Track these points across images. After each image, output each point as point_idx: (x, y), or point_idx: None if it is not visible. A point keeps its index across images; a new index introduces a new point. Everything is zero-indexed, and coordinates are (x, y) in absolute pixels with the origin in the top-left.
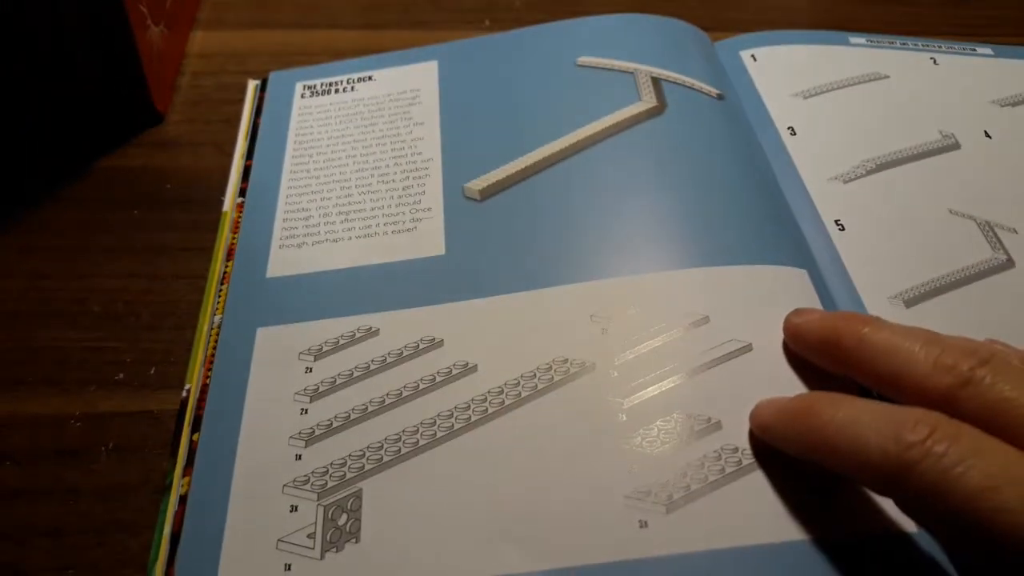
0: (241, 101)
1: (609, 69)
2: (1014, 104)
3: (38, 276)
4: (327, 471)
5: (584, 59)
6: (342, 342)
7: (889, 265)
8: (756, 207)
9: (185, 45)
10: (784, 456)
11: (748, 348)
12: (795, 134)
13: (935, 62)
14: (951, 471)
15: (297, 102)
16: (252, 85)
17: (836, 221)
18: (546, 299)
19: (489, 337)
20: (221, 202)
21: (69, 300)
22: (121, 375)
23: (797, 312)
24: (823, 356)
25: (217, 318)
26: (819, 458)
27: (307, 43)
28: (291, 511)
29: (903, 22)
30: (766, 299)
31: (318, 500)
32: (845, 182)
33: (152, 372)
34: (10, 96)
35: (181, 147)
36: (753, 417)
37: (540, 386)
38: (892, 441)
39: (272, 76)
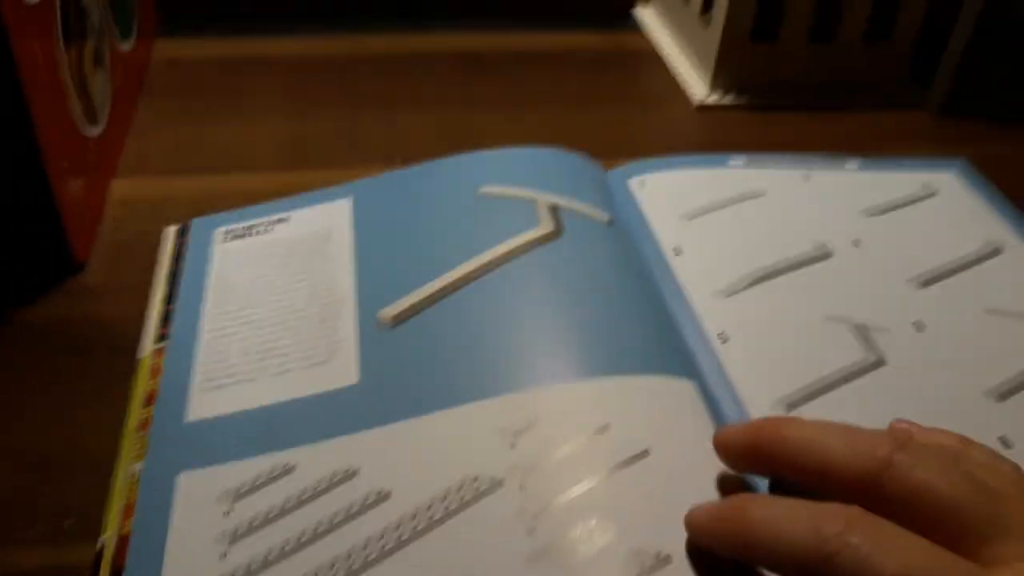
0: (159, 248)
1: (511, 198)
2: (880, 213)
3: None
4: None
5: (487, 188)
6: (259, 482)
7: (771, 371)
8: (644, 322)
9: (106, 192)
10: (712, 558)
11: (645, 454)
12: (680, 254)
13: (807, 178)
14: (867, 560)
15: (217, 247)
16: (171, 231)
17: (719, 334)
18: (456, 418)
19: (402, 462)
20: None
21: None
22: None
23: (720, 429)
24: (750, 462)
25: (137, 465)
26: (748, 555)
27: (223, 187)
28: None
29: (782, 140)
30: (657, 407)
31: None
32: (727, 296)
33: (67, 525)
34: None
35: (101, 296)
36: (687, 520)
37: (452, 507)
38: (813, 534)
39: (194, 223)
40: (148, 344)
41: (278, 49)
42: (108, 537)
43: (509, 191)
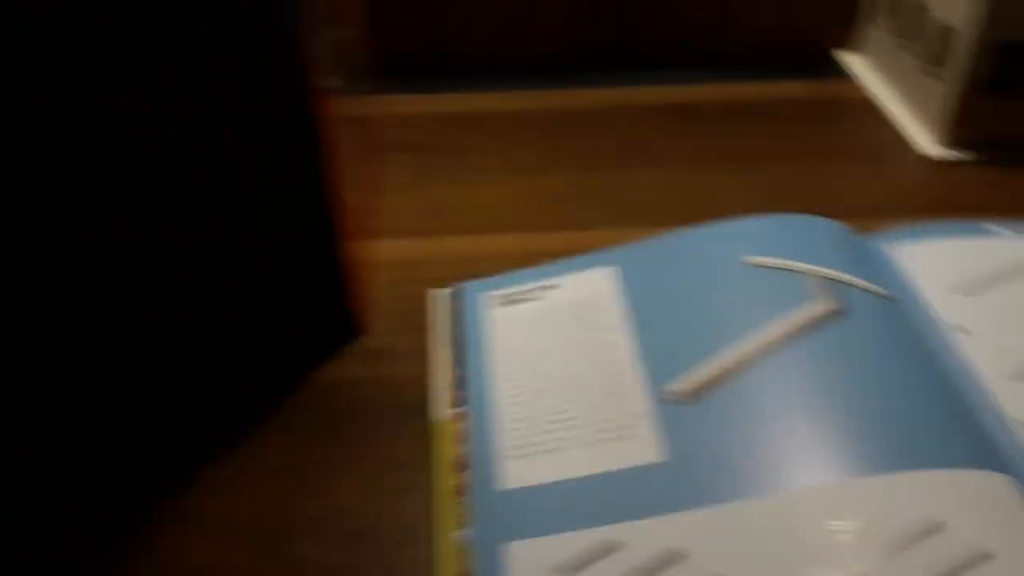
0: (426, 309)
1: (782, 269)
2: None
3: (282, 495)
4: None
5: (753, 258)
6: (590, 557)
7: None
8: (950, 411)
9: (369, 255)
10: None
11: (989, 557)
12: (968, 333)
13: None
14: None
15: (494, 311)
16: (441, 293)
17: (1021, 420)
18: (782, 505)
19: (732, 547)
20: (430, 411)
21: (314, 519)
22: None
23: None
24: None
25: (460, 533)
26: None
27: (477, 247)
28: None
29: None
30: (989, 503)
31: None
32: (1022, 379)
33: None
34: (226, 321)
35: (385, 358)
36: None
37: None
38: None
39: (464, 287)
40: (444, 408)
41: (487, 105)
42: None
43: (779, 262)
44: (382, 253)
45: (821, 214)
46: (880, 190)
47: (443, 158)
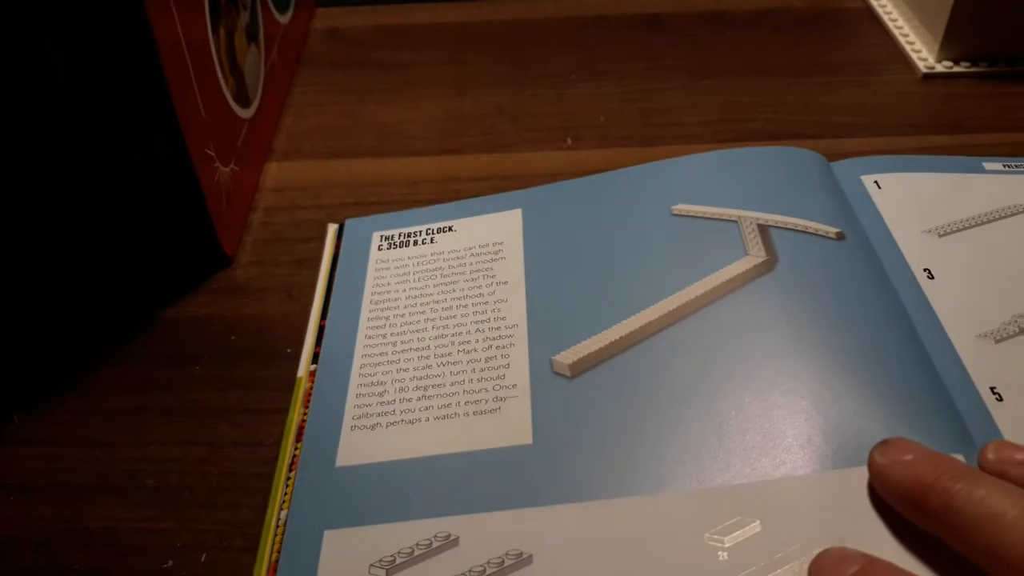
0: (313, 240)
1: (708, 218)
2: None
3: (95, 445)
4: None
5: (679, 207)
6: (417, 552)
7: None
8: (899, 379)
9: (258, 179)
10: None
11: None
12: (932, 278)
13: None
14: None
15: (373, 255)
16: (332, 230)
17: (992, 388)
18: (651, 509)
19: (585, 557)
20: (287, 355)
21: (124, 473)
22: (170, 563)
23: (884, 447)
24: (907, 511)
25: (283, 513)
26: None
27: (381, 173)
28: None
29: None
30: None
31: None
32: (996, 341)
33: (203, 559)
34: (72, 243)
35: (249, 293)
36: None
37: None
38: None
39: (348, 224)
40: (304, 363)
41: (441, 16)
42: None
43: (705, 210)
44: (276, 176)
45: (799, 134)
46: (866, 105)
47: (374, 74)
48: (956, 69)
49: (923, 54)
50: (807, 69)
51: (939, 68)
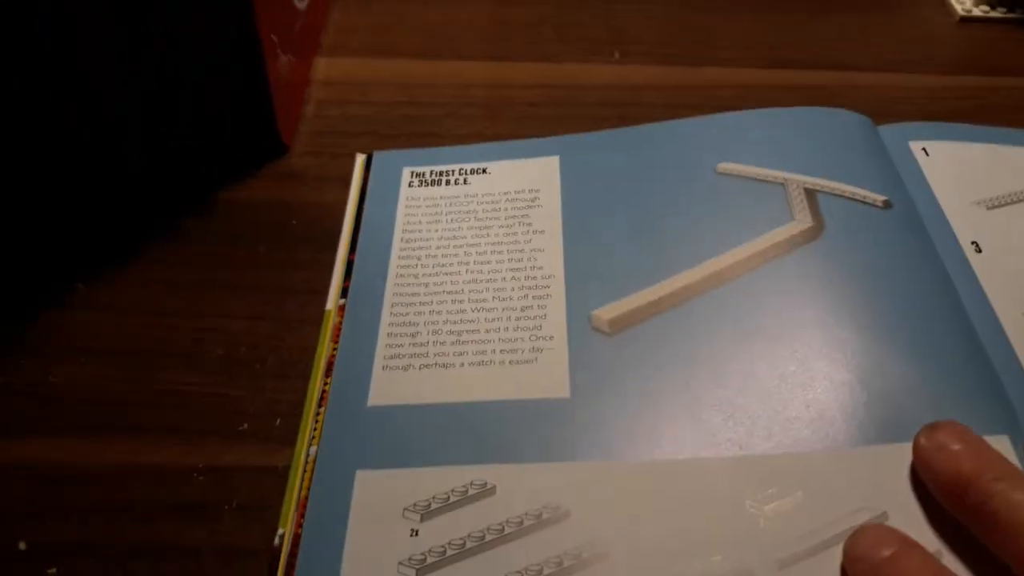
0: (364, 135)
1: (754, 179)
2: None
3: (159, 313)
4: None
5: (724, 166)
6: (453, 499)
7: None
8: (946, 356)
9: (309, 72)
10: None
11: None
12: (980, 251)
13: None
14: None
15: (404, 191)
16: (360, 160)
17: None
18: (693, 472)
19: (623, 515)
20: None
21: (190, 341)
22: (245, 425)
23: (930, 431)
24: (947, 501)
25: (312, 450)
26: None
27: (431, 74)
28: None
29: None
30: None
31: None
32: None
33: (278, 424)
34: (137, 125)
35: (306, 180)
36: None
37: None
38: None
39: (377, 157)
40: (333, 297)
41: None
42: (285, 534)
43: (752, 170)
44: (326, 71)
45: (837, 64)
46: (900, 49)
47: None
48: (992, 14)
49: None
50: (848, 5)
51: (976, 12)
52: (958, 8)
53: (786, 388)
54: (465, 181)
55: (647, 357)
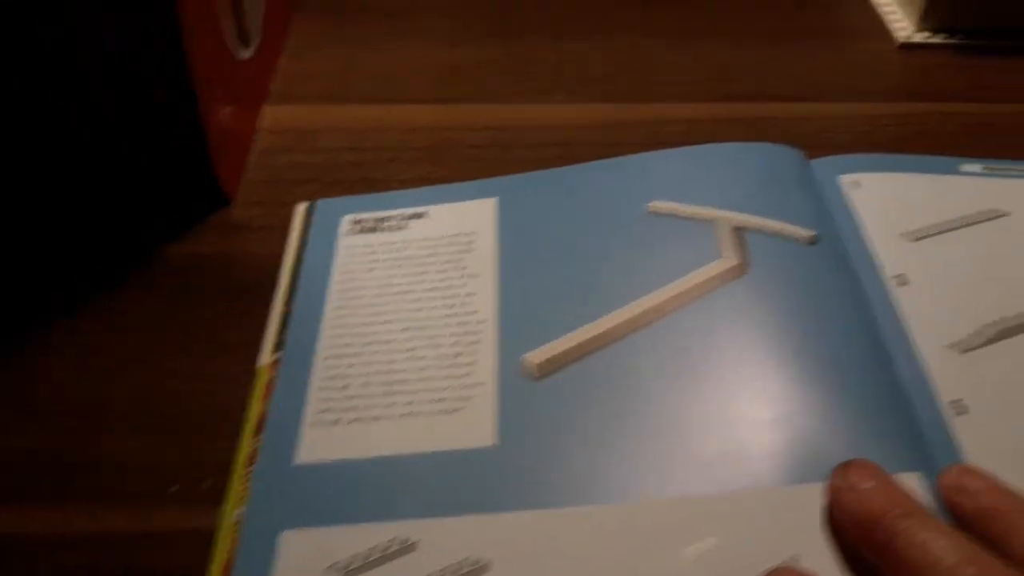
0: (311, 182)
1: (686, 217)
2: None
3: (94, 372)
4: None
5: (656, 205)
6: (374, 556)
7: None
8: (861, 395)
9: (256, 121)
10: None
11: None
12: (905, 284)
13: None
14: None
15: (343, 240)
16: (300, 210)
17: (953, 402)
18: (611, 519)
19: (544, 566)
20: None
21: (127, 401)
22: (176, 487)
23: (844, 470)
24: (856, 540)
25: (239, 511)
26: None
27: (379, 118)
28: None
29: (999, 84)
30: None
31: None
32: (962, 351)
33: (208, 485)
34: (73, 178)
35: (251, 230)
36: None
37: None
38: None
39: (319, 205)
40: (267, 351)
41: None
42: None
43: (682, 208)
44: (275, 118)
45: (777, 98)
46: (843, 74)
47: (368, 20)
48: (934, 40)
49: (903, 24)
50: (790, 34)
51: (917, 38)
52: (899, 35)
53: (707, 429)
54: (404, 227)
55: (574, 401)
